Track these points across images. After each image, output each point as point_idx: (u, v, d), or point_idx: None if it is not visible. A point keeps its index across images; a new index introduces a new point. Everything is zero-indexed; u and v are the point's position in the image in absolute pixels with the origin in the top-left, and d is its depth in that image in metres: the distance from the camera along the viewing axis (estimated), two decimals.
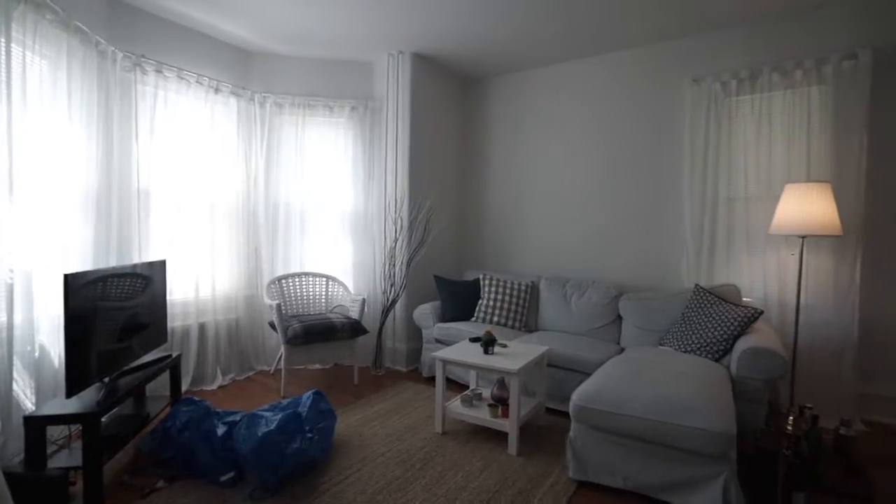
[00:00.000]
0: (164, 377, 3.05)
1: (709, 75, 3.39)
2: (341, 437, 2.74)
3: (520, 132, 4.44)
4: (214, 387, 3.56)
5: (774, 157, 3.18)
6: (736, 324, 2.75)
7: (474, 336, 3.03)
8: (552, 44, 3.79)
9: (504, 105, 4.54)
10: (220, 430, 2.29)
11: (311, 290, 4.06)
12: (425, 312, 3.85)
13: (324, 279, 4.10)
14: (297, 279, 4.01)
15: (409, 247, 4.08)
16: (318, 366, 4.15)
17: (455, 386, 3.63)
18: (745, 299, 3.24)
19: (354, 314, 3.76)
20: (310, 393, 2.61)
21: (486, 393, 3.06)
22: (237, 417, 2.44)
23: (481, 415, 2.72)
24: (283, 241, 4.12)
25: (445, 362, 2.76)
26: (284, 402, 2.57)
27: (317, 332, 3.38)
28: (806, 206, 2.73)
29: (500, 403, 2.75)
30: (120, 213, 3.12)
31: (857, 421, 2.96)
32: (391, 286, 4.04)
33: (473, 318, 3.83)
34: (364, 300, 3.77)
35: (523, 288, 3.84)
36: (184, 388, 3.39)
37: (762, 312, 2.75)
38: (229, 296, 3.86)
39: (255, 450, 2.10)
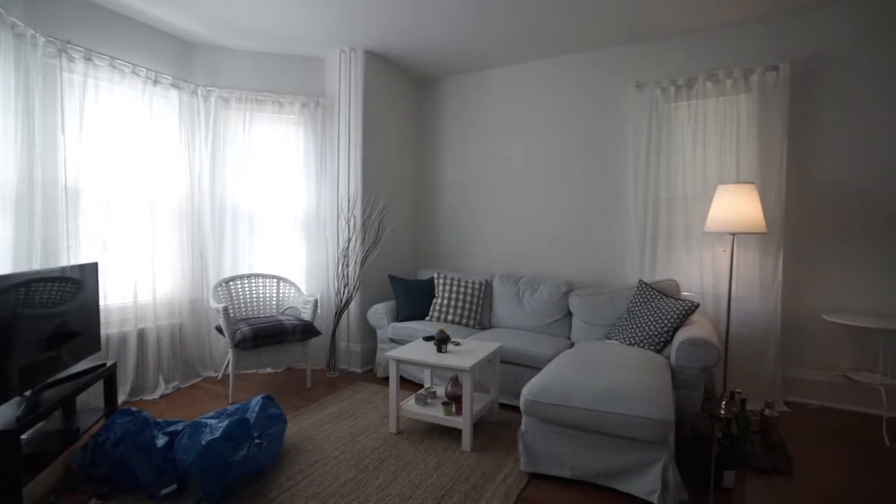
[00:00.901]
0: (99, 388, 2.85)
1: (650, 81, 3.57)
2: (293, 442, 2.67)
3: (474, 132, 4.50)
4: (156, 396, 3.37)
5: (708, 159, 3.40)
6: (675, 317, 2.92)
7: (428, 335, 3.04)
8: (504, 45, 3.86)
9: (458, 105, 4.58)
10: (161, 441, 2.17)
11: (261, 292, 3.93)
12: (379, 312, 3.82)
13: (274, 280, 3.97)
14: (245, 281, 3.86)
15: (362, 246, 4.03)
16: (269, 370, 4.02)
17: (410, 385, 3.63)
18: (683, 293, 3.45)
19: (307, 316, 3.68)
20: (259, 397, 2.52)
21: (441, 391, 3.08)
22: (179, 427, 2.32)
23: (435, 413, 2.74)
24: (231, 241, 3.95)
25: (399, 362, 2.76)
26: (231, 408, 2.47)
27: (267, 335, 3.28)
28: (735, 206, 2.93)
29: (453, 401, 2.77)
30: (45, 212, 2.88)
31: (780, 402, 3.22)
32: (345, 286, 3.98)
33: (428, 317, 3.84)
34: (316, 301, 3.68)
35: (477, 286, 3.89)
36: (121, 398, 3.19)
37: (698, 305, 2.93)
38: (172, 300, 3.66)
39: (198, 459, 2.01)
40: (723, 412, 2.99)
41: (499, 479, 2.31)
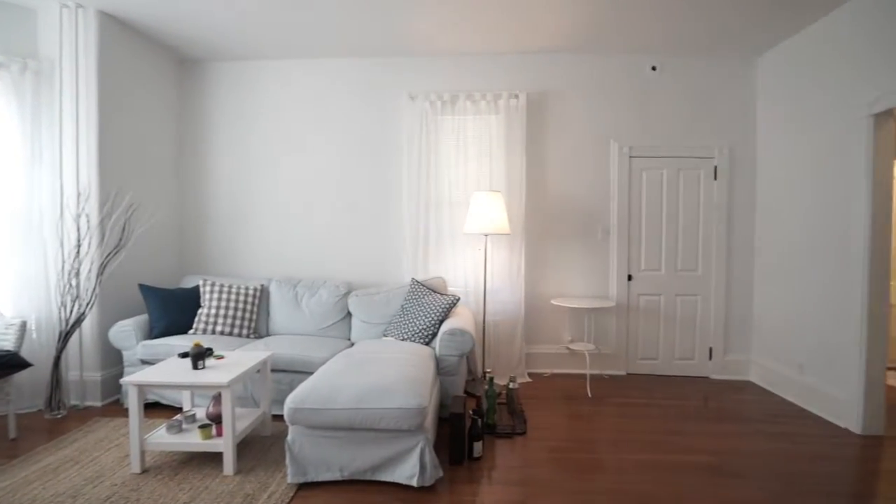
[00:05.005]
0: None
1: (421, 94, 3.87)
2: None
3: (248, 127, 4.14)
4: None
5: (469, 169, 3.88)
6: (440, 310, 3.22)
7: (184, 351, 2.66)
8: (279, 36, 3.65)
9: (231, 95, 4.15)
10: None
11: None
12: (125, 330, 3.18)
13: None
14: None
15: (100, 251, 3.29)
16: None
17: (171, 412, 3.13)
18: (450, 289, 3.85)
19: (8, 344, 2.80)
20: None
21: (203, 413, 2.73)
22: None
23: (191, 439, 2.41)
24: None
25: (141, 387, 2.33)
26: None
27: None
28: (486, 211, 3.41)
29: (215, 422, 2.48)
30: None
31: (525, 375, 3.90)
32: (74, 302, 3.17)
33: (192, 330, 3.37)
34: (24, 324, 2.85)
35: (251, 292, 3.59)
36: None
37: (458, 299, 3.31)
38: None
39: None
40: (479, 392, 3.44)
41: (263, 499, 2.16)
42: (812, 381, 3.28)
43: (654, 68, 3.91)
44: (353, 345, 3.44)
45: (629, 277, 3.99)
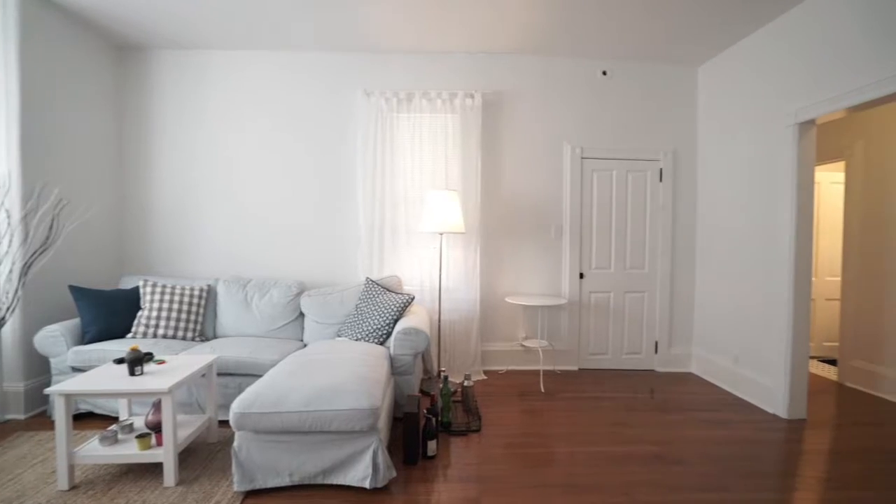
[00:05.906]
0: None
1: (376, 90, 3.82)
2: None
3: (194, 120, 3.93)
4: None
5: (424, 167, 3.86)
6: (395, 309, 3.19)
7: (120, 357, 2.50)
8: (227, 24, 3.49)
9: (176, 85, 3.92)
10: None
11: None
12: (53, 335, 2.94)
13: None
14: None
15: (23, 250, 3.03)
16: None
17: (107, 422, 2.94)
18: (406, 287, 3.83)
19: None
20: None
21: (142, 422, 2.58)
22: None
23: (128, 450, 2.26)
24: None
25: (69, 396, 2.16)
26: None
27: None
28: (442, 210, 3.41)
29: (155, 431, 2.35)
30: None
31: (480, 372, 3.93)
32: None
33: (131, 334, 3.17)
34: None
35: (196, 293, 3.41)
36: None
37: (413, 297, 3.29)
38: None
39: None
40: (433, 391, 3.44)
41: None
42: (745, 371, 3.51)
43: (604, 73, 4.06)
44: (305, 346, 3.35)
45: (581, 275, 4.11)
